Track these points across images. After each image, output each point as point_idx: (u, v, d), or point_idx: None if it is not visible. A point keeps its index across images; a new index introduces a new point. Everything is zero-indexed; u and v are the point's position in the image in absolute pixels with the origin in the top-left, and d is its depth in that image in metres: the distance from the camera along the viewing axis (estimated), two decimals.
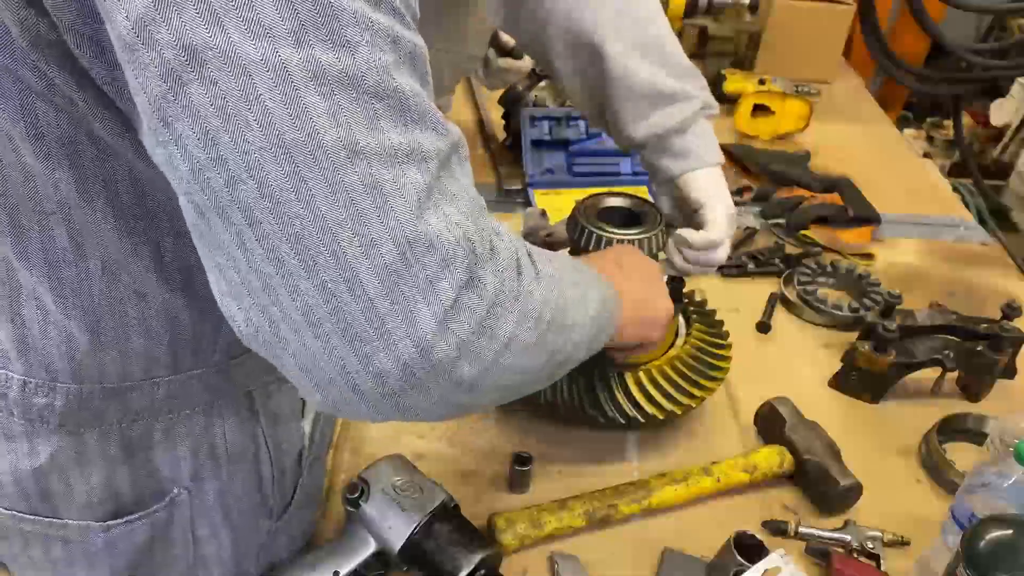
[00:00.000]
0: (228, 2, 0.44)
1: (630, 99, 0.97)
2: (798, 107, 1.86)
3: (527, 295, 0.58)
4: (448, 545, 0.83)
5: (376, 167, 0.48)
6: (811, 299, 1.33)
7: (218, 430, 0.75)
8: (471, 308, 0.53)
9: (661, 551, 0.93)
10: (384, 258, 0.49)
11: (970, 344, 1.15)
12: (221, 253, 0.50)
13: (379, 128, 0.48)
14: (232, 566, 0.83)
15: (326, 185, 0.47)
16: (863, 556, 0.93)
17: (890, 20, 2.81)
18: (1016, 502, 0.81)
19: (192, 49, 0.44)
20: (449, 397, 0.55)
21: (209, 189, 0.48)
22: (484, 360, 0.55)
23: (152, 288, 0.64)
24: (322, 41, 0.46)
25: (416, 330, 0.50)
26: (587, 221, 0.97)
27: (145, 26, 0.44)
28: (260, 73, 0.45)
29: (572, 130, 1.56)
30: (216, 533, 0.80)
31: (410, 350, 0.51)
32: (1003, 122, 3.01)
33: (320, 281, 0.49)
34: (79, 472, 0.71)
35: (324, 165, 0.47)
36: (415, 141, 0.50)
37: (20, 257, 0.62)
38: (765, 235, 1.53)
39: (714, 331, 1.09)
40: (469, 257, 0.52)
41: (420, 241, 0.49)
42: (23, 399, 0.68)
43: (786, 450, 1.02)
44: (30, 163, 0.56)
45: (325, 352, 0.51)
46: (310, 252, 0.48)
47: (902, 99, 3.30)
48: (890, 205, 1.62)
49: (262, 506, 0.83)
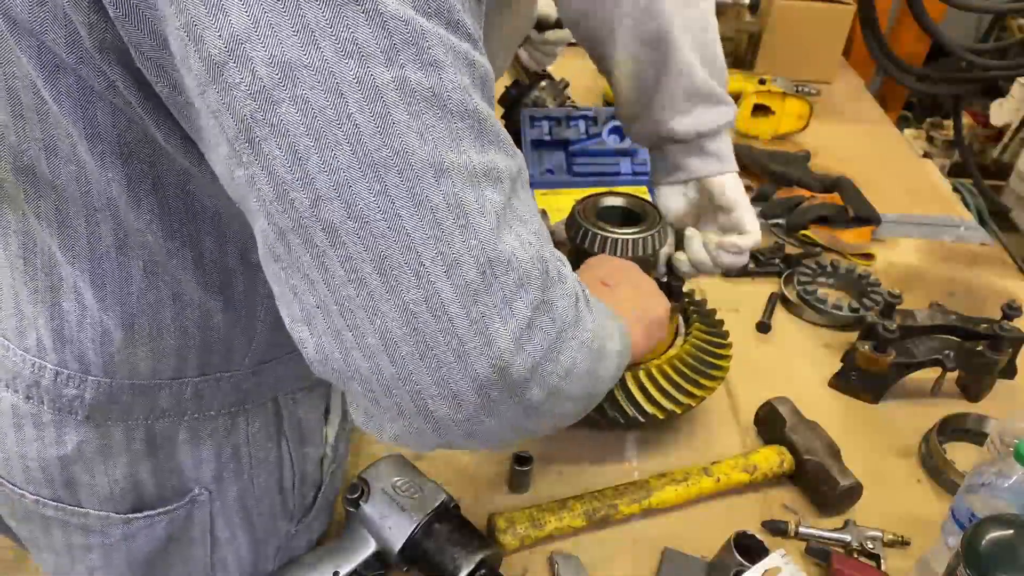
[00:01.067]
0: (324, 22, 0.45)
1: (683, 94, 0.98)
2: (798, 107, 1.86)
3: (584, 323, 0.58)
4: (448, 545, 0.83)
5: (460, 186, 0.49)
6: (811, 299, 1.33)
7: (242, 433, 0.76)
8: (544, 330, 0.53)
9: (661, 551, 0.93)
10: (465, 276, 0.49)
11: (970, 344, 1.15)
12: (298, 275, 0.50)
13: (462, 148, 0.49)
14: (250, 567, 0.83)
15: (412, 203, 0.47)
16: (863, 556, 0.93)
17: (890, 20, 2.81)
18: (1016, 502, 0.81)
19: (287, 66, 0.45)
20: (517, 421, 0.55)
21: (293, 210, 0.48)
22: (550, 384, 0.55)
23: (190, 290, 0.65)
24: (412, 61, 0.47)
25: (493, 349, 0.50)
26: (587, 221, 0.97)
27: (240, 44, 0.45)
28: (353, 92, 0.46)
29: (572, 130, 1.56)
30: (235, 534, 0.80)
31: (487, 370, 0.51)
32: (1003, 122, 3.01)
33: (402, 302, 0.48)
34: (103, 464, 0.72)
35: (411, 183, 0.47)
36: (492, 161, 0.51)
37: (64, 250, 0.63)
38: (765, 235, 1.53)
39: (714, 330, 1.09)
40: (543, 278, 0.53)
41: (499, 260, 0.50)
42: (54, 388, 0.69)
43: (786, 450, 1.02)
44: (85, 159, 0.57)
45: (400, 378, 0.50)
46: (394, 272, 0.48)
47: (902, 99, 3.30)
48: (890, 205, 1.62)
49: (282, 510, 0.83)
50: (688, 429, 1.09)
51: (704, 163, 1.01)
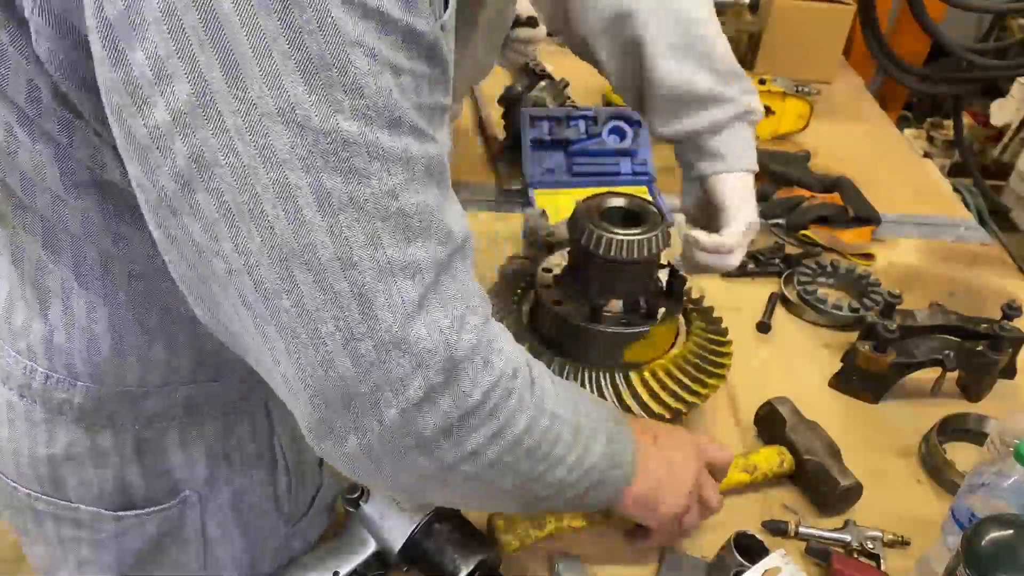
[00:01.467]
0: (243, 126, 0.45)
1: (662, 98, 0.96)
2: (798, 107, 1.86)
3: (511, 417, 0.59)
4: (448, 545, 0.83)
5: (368, 279, 0.50)
6: (811, 299, 1.33)
7: (234, 438, 0.76)
8: (442, 411, 0.54)
9: (661, 551, 0.93)
10: (361, 352, 0.51)
11: (970, 344, 1.15)
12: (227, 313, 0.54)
13: (377, 245, 0.50)
14: (247, 568, 0.83)
15: (318, 290, 0.49)
16: (863, 556, 0.93)
17: (890, 20, 2.81)
18: (1016, 502, 0.81)
19: (205, 163, 0.46)
20: (404, 480, 0.59)
21: (211, 272, 0.50)
22: (442, 460, 0.57)
23: (177, 304, 0.65)
24: (331, 169, 0.47)
25: (382, 416, 0.53)
26: (588, 221, 0.97)
27: (162, 136, 0.46)
28: (266, 191, 0.47)
29: (572, 130, 1.56)
30: (228, 535, 0.80)
31: (375, 430, 0.54)
32: (1003, 122, 3.02)
33: (302, 368, 0.51)
34: (92, 465, 0.72)
35: (317, 273, 0.49)
36: (413, 256, 0.51)
37: (52, 263, 0.64)
38: (765, 235, 1.53)
39: (714, 328, 1.09)
40: (447, 363, 0.53)
41: (399, 346, 0.51)
42: (44, 391, 0.70)
43: (786, 450, 1.02)
44: (59, 192, 0.59)
45: (321, 419, 0.54)
46: (293, 345, 0.51)
47: (902, 99, 3.30)
48: (890, 205, 1.62)
49: (278, 512, 0.83)
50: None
51: (704, 162, 0.98)
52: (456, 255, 0.55)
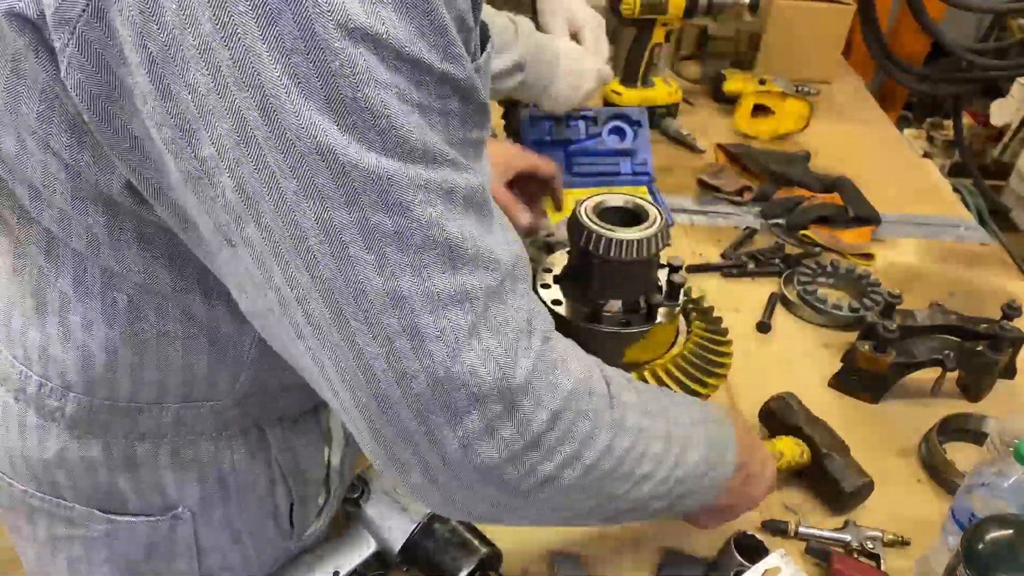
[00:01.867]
0: (286, 167, 0.46)
1: None
2: (798, 107, 1.86)
3: (586, 440, 0.58)
4: (448, 545, 0.83)
5: (418, 312, 0.49)
6: (811, 299, 1.33)
7: (227, 459, 0.76)
8: (505, 441, 0.53)
9: (661, 551, 0.93)
10: (414, 389, 0.50)
11: (970, 344, 1.15)
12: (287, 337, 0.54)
13: (425, 276, 0.49)
14: (243, 574, 0.83)
15: (366, 327, 0.49)
16: (863, 556, 0.93)
17: (890, 20, 2.81)
18: (1016, 502, 0.81)
19: (250, 198, 0.47)
20: (481, 509, 0.58)
21: (265, 303, 0.52)
22: (516, 489, 0.56)
23: (175, 328, 0.66)
24: (373, 204, 0.47)
25: (443, 450, 0.52)
26: (588, 221, 0.97)
27: (210, 169, 0.47)
28: (311, 228, 0.47)
29: (572, 130, 1.56)
30: (224, 553, 0.80)
31: (438, 464, 0.53)
32: (1003, 122, 3.01)
33: (358, 400, 0.51)
34: (83, 472, 0.73)
35: (366, 309, 0.49)
36: (461, 284, 0.51)
37: (52, 275, 0.64)
38: (765, 235, 1.53)
39: (714, 328, 1.09)
40: (504, 392, 0.53)
41: (452, 380, 0.51)
42: (38, 397, 0.70)
43: (803, 443, 1.01)
44: (67, 210, 0.59)
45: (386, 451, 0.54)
46: (347, 378, 0.51)
47: (902, 99, 3.30)
48: (890, 205, 1.61)
49: (277, 530, 0.83)
50: None
51: None
52: (506, 280, 0.54)
